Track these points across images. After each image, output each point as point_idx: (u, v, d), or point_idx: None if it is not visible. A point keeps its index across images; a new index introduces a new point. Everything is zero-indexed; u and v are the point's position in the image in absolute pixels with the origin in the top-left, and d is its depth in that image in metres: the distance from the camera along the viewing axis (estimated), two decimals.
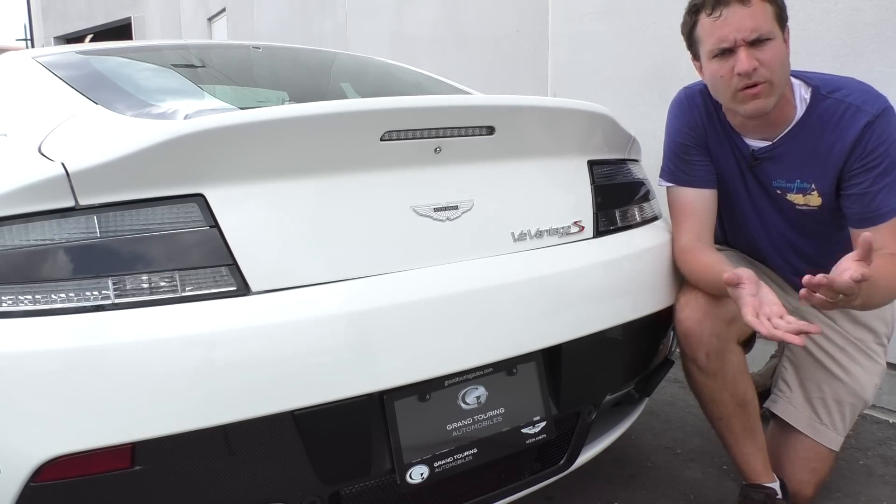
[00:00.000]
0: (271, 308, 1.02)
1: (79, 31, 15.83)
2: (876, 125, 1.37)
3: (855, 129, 1.38)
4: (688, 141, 1.58)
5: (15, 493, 0.92)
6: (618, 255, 1.40)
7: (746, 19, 1.34)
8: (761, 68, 1.36)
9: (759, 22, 1.34)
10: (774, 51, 1.36)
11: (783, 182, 1.51)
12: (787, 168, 1.49)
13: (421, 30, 4.51)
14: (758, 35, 1.34)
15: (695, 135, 1.57)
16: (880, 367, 1.60)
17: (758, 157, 1.51)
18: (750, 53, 1.36)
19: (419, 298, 1.12)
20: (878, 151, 1.37)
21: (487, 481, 1.30)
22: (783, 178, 1.51)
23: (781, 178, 1.51)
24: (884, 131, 1.37)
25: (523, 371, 1.27)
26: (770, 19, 1.35)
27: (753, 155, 1.52)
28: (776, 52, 1.36)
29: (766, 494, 1.51)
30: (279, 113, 1.05)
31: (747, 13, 1.34)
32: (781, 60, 1.38)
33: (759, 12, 1.35)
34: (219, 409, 0.98)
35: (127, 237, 0.98)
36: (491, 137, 1.25)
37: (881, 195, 1.38)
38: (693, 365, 1.51)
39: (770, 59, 1.36)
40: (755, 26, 1.34)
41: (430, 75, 2.13)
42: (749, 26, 1.34)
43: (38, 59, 1.61)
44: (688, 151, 1.57)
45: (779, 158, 1.49)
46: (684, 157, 1.58)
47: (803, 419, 1.59)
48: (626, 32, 2.97)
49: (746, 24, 1.34)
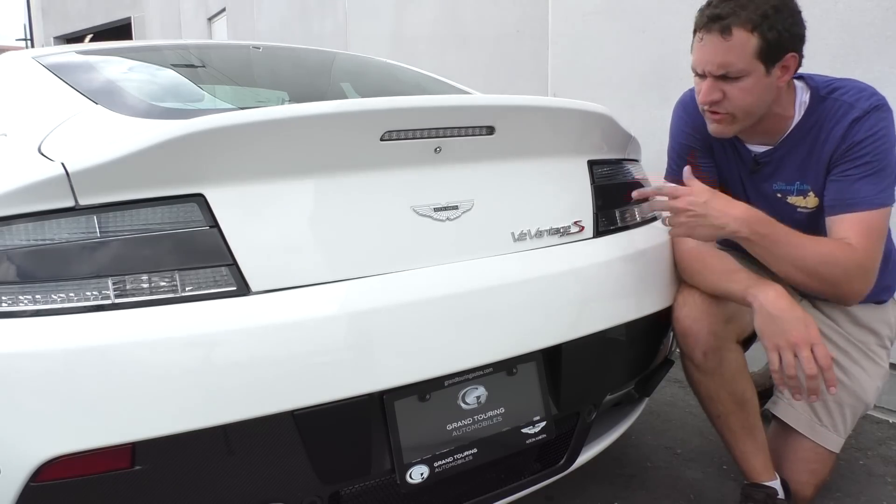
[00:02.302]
0: (271, 308, 1.02)
1: (79, 31, 15.82)
2: (864, 120, 1.37)
3: (843, 124, 1.39)
4: (692, 143, 1.58)
5: (15, 493, 0.92)
6: (618, 255, 1.40)
7: (719, 54, 1.34)
8: (725, 101, 1.37)
9: (731, 59, 1.33)
10: (743, 89, 1.35)
11: (783, 185, 1.51)
12: (787, 171, 1.49)
13: (421, 30, 4.51)
14: (725, 72, 1.34)
15: (700, 136, 1.57)
16: (882, 370, 1.60)
17: (759, 162, 1.51)
18: (714, 85, 1.37)
19: (419, 298, 1.12)
20: (863, 145, 1.37)
21: (487, 481, 1.30)
22: (783, 182, 1.51)
23: (781, 182, 1.51)
24: (872, 127, 1.37)
25: (523, 371, 1.27)
26: (747, 56, 1.32)
27: (755, 160, 1.52)
28: (746, 88, 1.35)
29: (766, 494, 1.51)
30: (279, 113, 1.05)
31: (722, 48, 1.33)
32: (754, 95, 1.37)
33: (737, 48, 1.32)
34: (219, 409, 0.98)
35: (127, 237, 0.98)
36: (491, 137, 1.25)
37: (858, 184, 1.38)
38: (691, 363, 1.51)
39: (736, 96, 1.36)
40: (724, 62, 1.34)
41: (430, 75, 2.13)
42: (717, 62, 1.34)
43: (37, 59, 1.61)
44: (692, 153, 1.58)
45: (779, 162, 1.50)
46: (689, 160, 1.58)
47: (803, 420, 1.59)
48: (626, 32, 2.97)
49: (716, 59, 1.34)
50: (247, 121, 1.02)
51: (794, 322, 1.29)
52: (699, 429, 2.03)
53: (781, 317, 1.29)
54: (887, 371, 1.61)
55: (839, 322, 1.60)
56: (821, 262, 1.34)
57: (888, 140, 1.38)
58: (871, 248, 1.37)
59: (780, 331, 1.29)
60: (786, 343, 1.28)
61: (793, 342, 1.28)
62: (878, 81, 1.50)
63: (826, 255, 1.35)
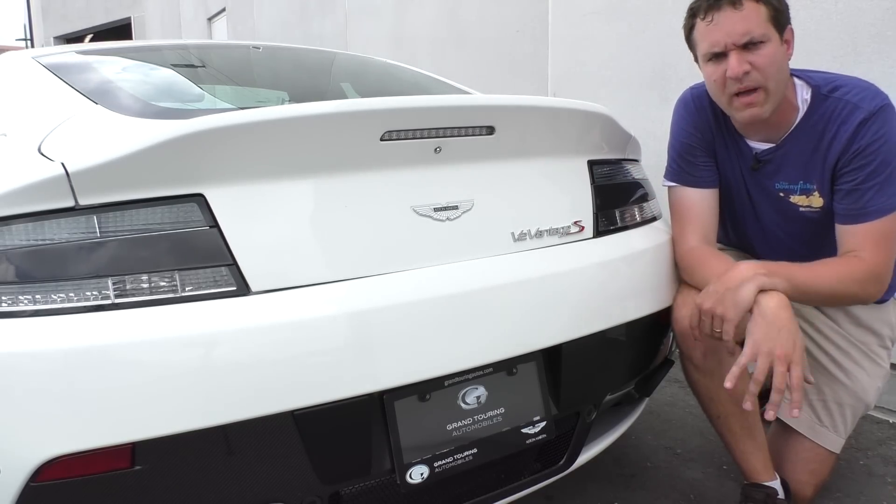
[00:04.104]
0: (271, 308, 1.02)
1: (79, 31, 15.83)
2: (871, 123, 1.37)
3: (850, 126, 1.38)
4: (693, 142, 1.57)
5: (15, 493, 0.92)
6: (618, 255, 1.40)
7: (737, 23, 1.34)
8: (754, 72, 1.35)
9: (750, 25, 1.33)
10: (768, 54, 1.35)
11: (785, 184, 1.51)
12: (790, 169, 1.49)
13: (421, 30, 4.51)
14: (749, 38, 1.34)
15: (701, 136, 1.56)
16: (883, 371, 1.59)
17: (761, 160, 1.51)
18: (741, 57, 1.35)
19: (419, 298, 1.12)
20: (871, 149, 1.37)
21: (487, 481, 1.30)
22: (786, 180, 1.51)
23: (784, 180, 1.51)
24: (879, 129, 1.36)
25: (523, 371, 1.27)
26: (763, 22, 1.34)
27: (756, 157, 1.52)
28: (770, 55, 1.35)
29: (766, 494, 1.51)
30: (279, 113, 1.05)
31: (738, 17, 1.33)
32: (777, 63, 1.37)
33: (752, 15, 1.33)
34: (219, 409, 0.98)
35: (127, 237, 0.98)
36: (491, 137, 1.25)
37: (869, 193, 1.38)
38: (690, 364, 1.51)
39: (763, 63, 1.35)
40: (746, 30, 1.33)
41: (430, 75, 2.13)
42: (739, 30, 1.34)
43: (37, 59, 1.61)
44: (693, 153, 1.57)
45: (781, 160, 1.49)
46: (689, 159, 1.57)
47: (803, 421, 1.59)
48: (626, 32, 2.97)
49: (737, 28, 1.34)
50: (247, 121, 1.02)
51: (786, 338, 1.27)
52: (699, 429, 2.03)
53: (776, 327, 1.28)
54: (888, 371, 1.61)
55: (840, 322, 1.60)
56: (838, 285, 1.36)
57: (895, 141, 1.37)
58: (883, 256, 1.38)
59: (768, 339, 1.27)
60: (768, 352, 1.27)
61: (776, 355, 1.26)
62: (878, 82, 1.49)
63: (841, 276, 1.37)
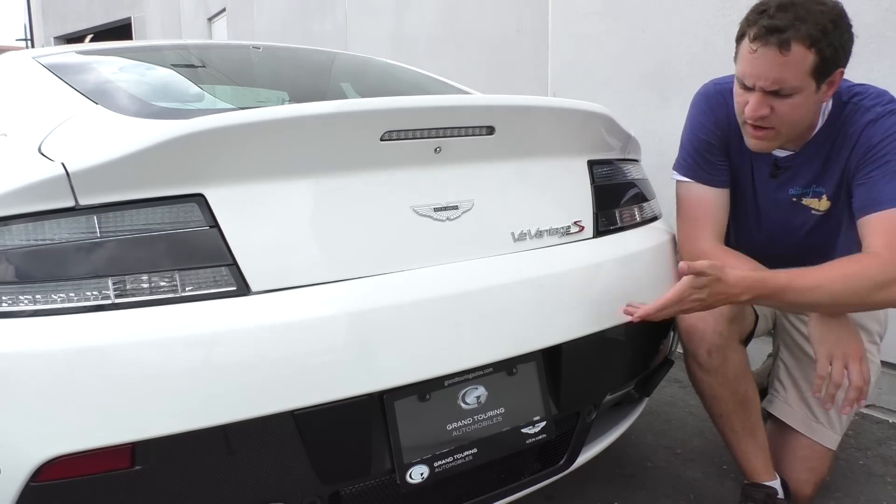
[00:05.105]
0: (271, 308, 1.02)
1: (79, 31, 15.82)
2: (880, 122, 1.36)
3: (859, 127, 1.38)
4: (713, 139, 1.53)
5: (15, 493, 0.92)
6: (618, 255, 1.40)
7: (774, 69, 1.27)
8: (772, 116, 1.33)
9: (787, 76, 1.27)
10: (794, 104, 1.31)
11: (799, 189, 1.50)
12: (804, 175, 1.49)
13: (421, 30, 4.51)
14: (778, 88, 1.29)
15: (721, 133, 1.53)
16: (874, 366, 1.59)
17: (780, 167, 1.50)
18: (764, 100, 1.31)
19: (419, 298, 1.12)
20: (882, 146, 1.36)
21: (487, 481, 1.30)
22: (799, 186, 1.50)
23: (798, 186, 1.50)
24: (889, 128, 1.35)
25: (523, 371, 1.27)
26: (803, 73, 1.27)
27: (776, 164, 1.50)
28: (796, 105, 1.31)
29: (766, 493, 1.51)
30: (279, 113, 1.05)
31: (778, 62, 1.26)
32: (801, 112, 1.33)
33: (794, 64, 1.26)
34: (219, 409, 0.98)
35: (127, 237, 0.98)
36: (491, 137, 1.25)
37: (882, 182, 1.35)
38: (694, 362, 1.51)
39: (785, 112, 1.32)
40: (779, 79, 1.28)
41: (430, 75, 2.13)
42: (772, 77, 1.28)
43: (38, 59, 1.61)
44: (712, 151, 1.54)
45: (799, 168, 1.49)
46: (708, 157, 1.54)
47: (799, 418, 1.59)
48: (627, 32, 2.97)
49: (770, 75, 1.28)
50: (247, 121, 1.02)
51: (853, 336, 1.31)
52: (699, 429, 2.03)
53: (842, 329, 1.31)
54: (878, 367, 1.61)
55: None
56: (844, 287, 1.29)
57: None
58: None
59: (839, 341, 1.30)
60: (842, 353, 1.30)
61: (849, 354, 1.29)
62: (878, 82, 1.49)
63: (847, 276, 1.29)
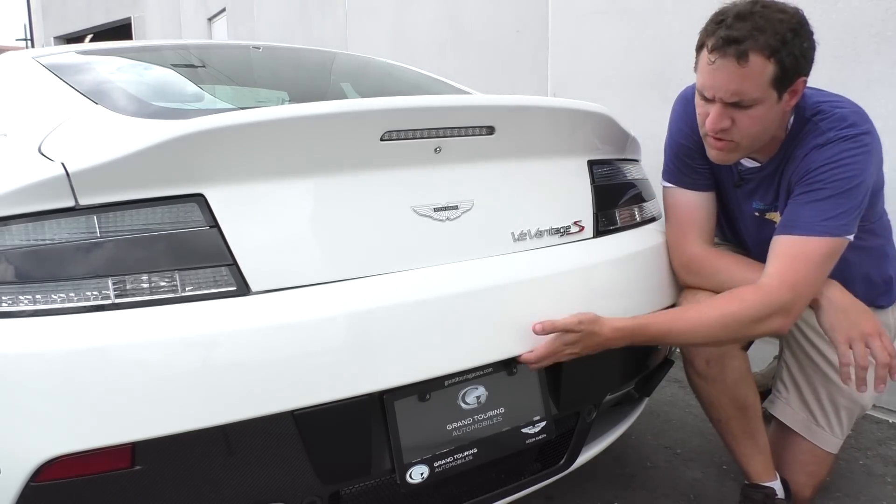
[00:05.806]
0: (271, 308, 1.02)
1: (79, 31, 15.81)
2: (826, 147, 1.32)
3: (807, 148, 1.35)
4: (691, 144, 1.53)
5: (15, 493, 0.92)
6: (618, 254, 1.40)
7: (733, 81, 1.26)
8: (733, 128, 1.32)
9: (746, 87, 1.26)
10: (755, 115, 1.29)
11: (761, 204, 1.50)
12: (763, 190, 1.48)
13: (421, 30, 4.51)
14: (738, 100, 1.28)
15: (697, 138, 1.52)
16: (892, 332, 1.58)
17: (743, 178, 1.50)
18: (724, 112, 1.30)
19: (419, 298, 1.12)
20: (819, 171, 1.32)
21: (487, 481, 1.30)
22: (760, 200, 1.49)
23: (759, 200, 1.50)
24: (832, 156, 1.31)
25: (523, 371, 1.27)
26: (762, 84, 1.25)
27: (740, 174, 1.50)
28: (756, 118, 1.30)
29: (765, 494, 1.51)
30: (279, 113, 1.05)
31: (737, 74, 1.25)
32: (761, 125, 1.32)
33: (753, 75, 1.24)
34: (219, 409, 0.98)
35: (127, 237, 0.98)
36: (491, 137, 1.25)
37: (803, 207, 1.33)
38: (692, 369, 1.52)
39: (745, 124, 1.30)
40: (738, 90, 1.26)
41: (430, 75, 2.13)
42: (731, 89, 1.26)
43: (37, 59, 1.61)
44: (691, 155, 1.53)
45: (759, 182, 1.48)
46: (687, 161, 1.54)
47: (800, 421, 1.58)
48: (626, 32, 2.97)
49: (730, 87, 1.26)
50: (247, 121, 1.02)
51: (864, 314, 1.32)
52: (699, 429, 2.03)
53: (851, 310, 1.32)
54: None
55: None
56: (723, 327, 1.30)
57: (850, 170, 1.30)
58: (792, 279, 1.29)
59: (852, 323, 1.31)
60: (859, 335, 1.30)
61: (866, 333, 1.30)
62: (878, 82, 1.49)
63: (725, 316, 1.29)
